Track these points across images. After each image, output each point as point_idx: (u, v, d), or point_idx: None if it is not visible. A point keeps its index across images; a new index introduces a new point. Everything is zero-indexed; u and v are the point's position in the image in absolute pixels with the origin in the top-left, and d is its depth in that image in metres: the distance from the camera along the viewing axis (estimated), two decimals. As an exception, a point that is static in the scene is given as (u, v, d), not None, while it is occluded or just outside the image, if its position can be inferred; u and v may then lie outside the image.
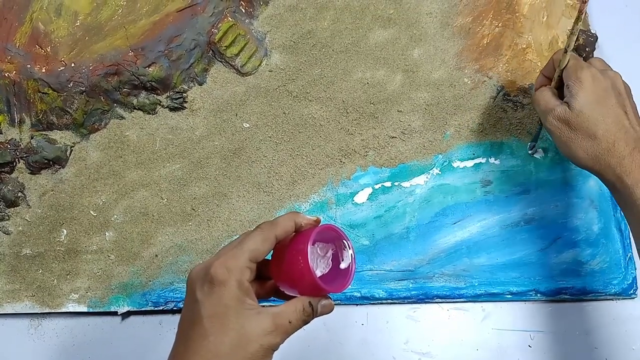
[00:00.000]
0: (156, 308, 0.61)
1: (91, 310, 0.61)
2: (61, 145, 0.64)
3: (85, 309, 0.61)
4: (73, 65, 0.63)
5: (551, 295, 0.60)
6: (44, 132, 0.64)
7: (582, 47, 0.63)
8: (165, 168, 0.64)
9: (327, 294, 0.42)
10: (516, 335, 0.59)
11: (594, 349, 0.59)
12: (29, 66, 0.63)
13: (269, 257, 0.43)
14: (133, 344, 0.61)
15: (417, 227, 0.61)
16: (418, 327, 0.60)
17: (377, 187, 0.62)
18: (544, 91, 0.53)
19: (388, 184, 0.62)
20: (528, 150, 0.62)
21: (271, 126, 0.64)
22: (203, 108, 0.64)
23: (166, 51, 0.63)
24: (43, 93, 0.63)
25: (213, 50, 0.65)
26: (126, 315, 0.62)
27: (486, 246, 0.61)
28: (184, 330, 0.40)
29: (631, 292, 0.59)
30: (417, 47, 0.65)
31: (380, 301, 0.60)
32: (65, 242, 0.63)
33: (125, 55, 0.63)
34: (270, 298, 0.45)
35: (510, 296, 0.60)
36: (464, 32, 0.65)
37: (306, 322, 0.41)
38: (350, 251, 0.43)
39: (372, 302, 0.60)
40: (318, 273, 0.41)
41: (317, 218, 0.43)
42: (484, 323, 0.60)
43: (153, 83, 0.63)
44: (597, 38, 0.63)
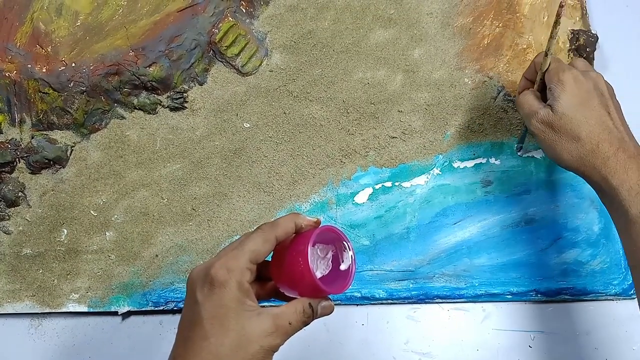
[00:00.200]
0: (156, 308, 0.61)
1: (91, 310, 0.61)
2: (62, 145, 0.64)
3: (85, 309, 0.61)
4: (74, 65, 0.63)
5: (551, 295, 0.59)
6: (45, 132, 0.64)
7: (583, 48, 0.63)
8: (165, 168, 0.64)
9: (327, 295, 0.42)
10: (516, 335, 0.59)
11: (594, 349, 0.59)
12: (30, 66, 0.63)
13: (269, 258, 0.43)
14: (133, 344, 0.61)
15: (418, 227, 0.61)
16: (418, 328, 0.60)
17: (378, 187, 0.62)
18: (527, 94, 0.53)
19: (388, 184, 0.62)
20: (516, 151, 0.62)
21: (272, 126, 0.64)
22: (203, 108, 0.64)
23: (167, 51, 0.63)
24: (44, 93, 0.63)
25: (214, 50, 0.64)
26: (126, 315, 0.62)
27: (486, 246, 0.61)
28: (184, 331, 0.40)
29: (631, 293, 0.59)
30: (418, 47, 0.65)
31: (380, 301, 0.60)
32: (65, 242, 0.63)
33: (125, 55, 0.63)
34: (270, 299, 0.45)
35: (510, 296, 0.60)
36: (465, 33, 0.65)
37: (306, 324, 0.41)
38: (350, 252, 0.43)
39: (373, 303, 0.60)
40: (318, 274, 0.41)
41: (318, 219, 0.43)
42: (485, 323, 0.60)
43: (153, 83, 0.63)
44: (598, 38, 0.63)
